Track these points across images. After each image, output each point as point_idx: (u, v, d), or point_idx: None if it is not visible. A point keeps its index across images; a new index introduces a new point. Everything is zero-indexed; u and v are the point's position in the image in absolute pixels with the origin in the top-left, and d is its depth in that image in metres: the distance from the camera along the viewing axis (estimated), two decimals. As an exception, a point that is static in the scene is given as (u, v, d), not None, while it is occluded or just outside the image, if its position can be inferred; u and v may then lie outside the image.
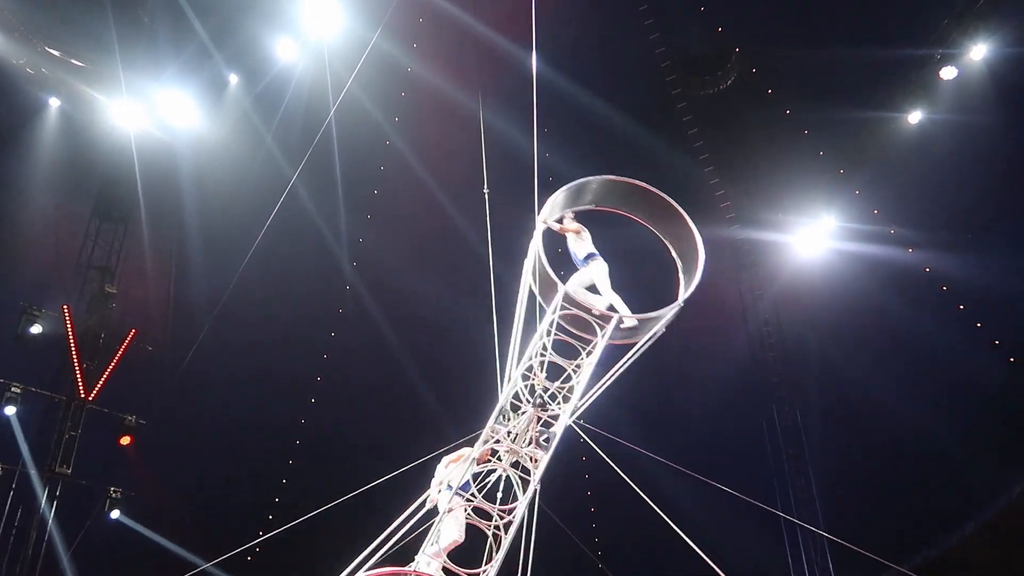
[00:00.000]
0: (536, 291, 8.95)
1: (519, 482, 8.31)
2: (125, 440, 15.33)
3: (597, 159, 18.93)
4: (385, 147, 19.05)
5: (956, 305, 16.21)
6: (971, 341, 15.89)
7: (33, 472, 14.27)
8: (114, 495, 15.14)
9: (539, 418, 8.55)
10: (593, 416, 8.81)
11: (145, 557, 15.12)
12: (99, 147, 16.25)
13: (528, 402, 8.24)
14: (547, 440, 8.36)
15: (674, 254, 9.72)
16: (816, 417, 18.40)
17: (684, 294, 8.99)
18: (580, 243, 9.22)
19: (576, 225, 9.34)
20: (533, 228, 8.85)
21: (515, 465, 8.58)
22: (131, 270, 16.78)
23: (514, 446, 8.46)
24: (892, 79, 16.46)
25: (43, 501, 14.17)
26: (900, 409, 15.86)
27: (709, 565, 8.16)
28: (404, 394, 18.96)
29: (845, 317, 17.60)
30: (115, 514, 15.11)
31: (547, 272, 8.63)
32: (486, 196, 10.34)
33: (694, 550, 8.24)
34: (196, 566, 8.49)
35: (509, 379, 8.53)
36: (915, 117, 16.38)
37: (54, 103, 15.69)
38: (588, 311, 8.62)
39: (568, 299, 8.65)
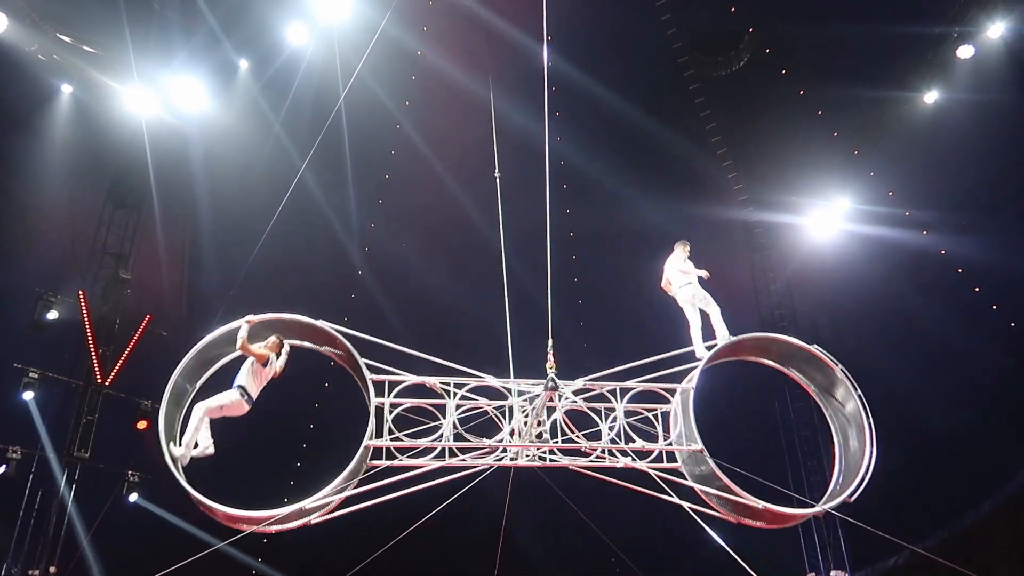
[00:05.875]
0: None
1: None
2: (142, 424, 15.48)
3: (609, 142, 18.88)
4: (395, 131, 19.02)
5: (972, 287, 16.08)
6: (988, 323, 15.77)
7: (52, 456, 14.47)
8: (132, 478, 15.34)
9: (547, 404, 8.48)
10: (605, 400, 8.82)
11: (164, 538, 15.30)
12: (111, 133, 16.30)
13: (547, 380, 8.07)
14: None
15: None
16: (829, 400, 18.32)
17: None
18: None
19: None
20: (544, 212, 8.76)
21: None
22: (145, 256, 16.87)
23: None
24: (908, 58, 16.24)
25: (62, 485, 14.37)
26: (915, 391, 15.78)
27: (720, 545, 8.21)
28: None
29: (859, 300, 17.49)
30: (133, 497, 15.33)
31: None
32: (497, 180, 10.34)
33: (704, 530, 8.31)
34: (214, 546, 8.60)
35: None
36: (931, 97, 16.17)
37: (66, 89, 15.71)
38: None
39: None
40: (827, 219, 18.20)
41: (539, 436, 8.39)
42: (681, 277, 9.39)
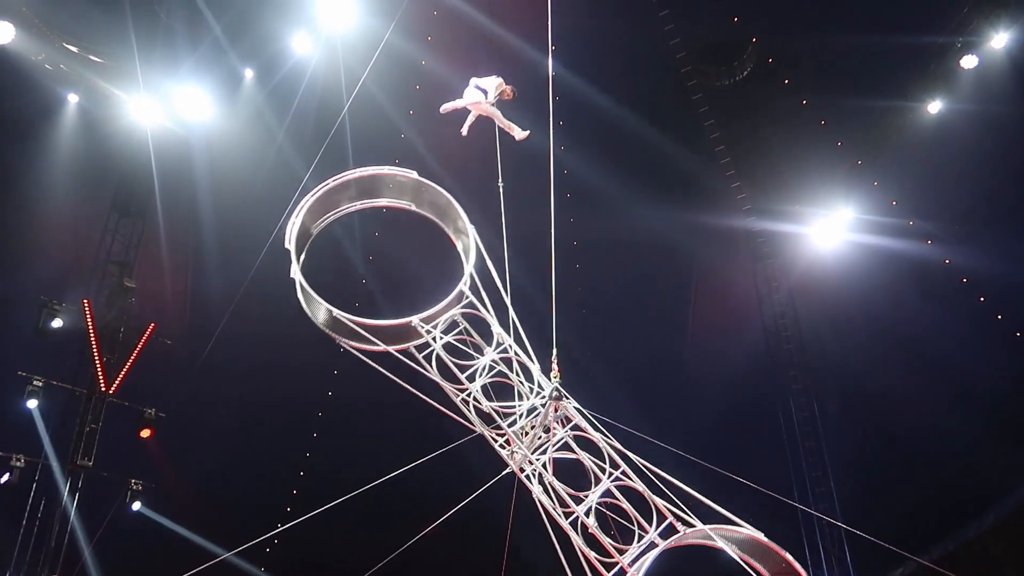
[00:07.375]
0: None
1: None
2: (145, 433, 15.50)
3: (612, 151, 18.91)
4: (399, 140, 19.06)
5: (977, 297, 16.06)
6: (992, 333, 15.74)
7: (55, 464, 14.47)
8: (135, 487, 15.33)
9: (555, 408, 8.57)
10: (610, 410, 8.84)
11: (166, 548, 15.31)
12: (117, 142, 16.36)
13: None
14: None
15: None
16: (833, 409, 18.32)
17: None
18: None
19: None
20: (548, 221, 8.81)
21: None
22: (149, 264, 16.91)
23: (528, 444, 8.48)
24: (911, 68, 16.26)
25: (65, 493, 14.36)
26: (919, 401, 15.76)
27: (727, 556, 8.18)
28: (421, 387, 18.99)
29: (862, 309, 17.47)
30: (136, 506, 15.32)
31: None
32: (501, 190, 10.38)
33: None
34: (217, 556, 8.59)
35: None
36: (935, 107, 16.18)
37: (72, 99, 15.77)
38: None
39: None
40: (830, 229, 18.20)
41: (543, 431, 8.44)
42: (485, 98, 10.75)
